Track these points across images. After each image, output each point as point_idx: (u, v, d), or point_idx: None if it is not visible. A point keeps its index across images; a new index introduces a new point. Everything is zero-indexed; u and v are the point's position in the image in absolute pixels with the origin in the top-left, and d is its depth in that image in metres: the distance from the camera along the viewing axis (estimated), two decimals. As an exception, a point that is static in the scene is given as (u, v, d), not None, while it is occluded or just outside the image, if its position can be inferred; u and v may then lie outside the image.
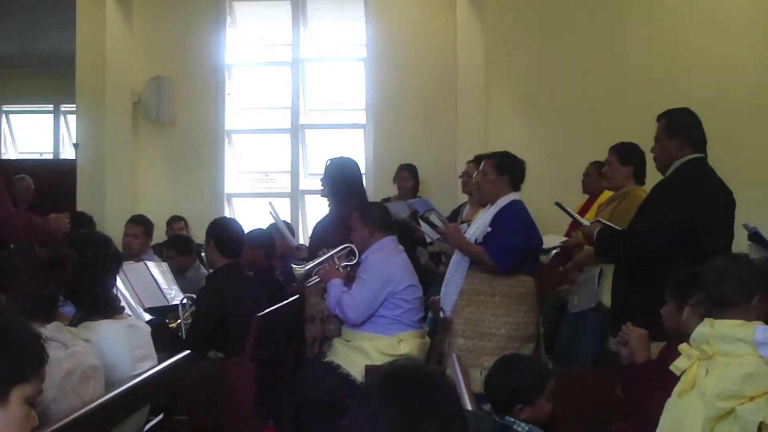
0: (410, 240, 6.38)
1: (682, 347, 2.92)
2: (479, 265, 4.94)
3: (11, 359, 1.75)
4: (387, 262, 5.00)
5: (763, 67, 8.72)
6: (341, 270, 5.08)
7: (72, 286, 3.30)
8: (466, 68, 8.86)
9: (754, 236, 4.54)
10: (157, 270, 5.96)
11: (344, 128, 9.85)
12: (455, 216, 7.16)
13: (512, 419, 3.36)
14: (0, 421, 1.69)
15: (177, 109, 9.55)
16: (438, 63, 9.09)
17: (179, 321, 5.39)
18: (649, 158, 4.88)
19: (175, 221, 8.67)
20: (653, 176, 4.88)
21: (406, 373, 1.78)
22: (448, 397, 1.75)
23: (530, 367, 3.52)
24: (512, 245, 4.85)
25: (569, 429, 4.14)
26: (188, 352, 3.59)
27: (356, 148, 9.22)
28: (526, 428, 3.35)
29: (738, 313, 2.78)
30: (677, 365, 2.88)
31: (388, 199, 7.84)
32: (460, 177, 7.45)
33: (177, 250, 6.79)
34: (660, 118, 4.64)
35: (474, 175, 5.56)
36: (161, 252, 7.81)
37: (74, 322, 3.29)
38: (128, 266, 5.54)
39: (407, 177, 8.25)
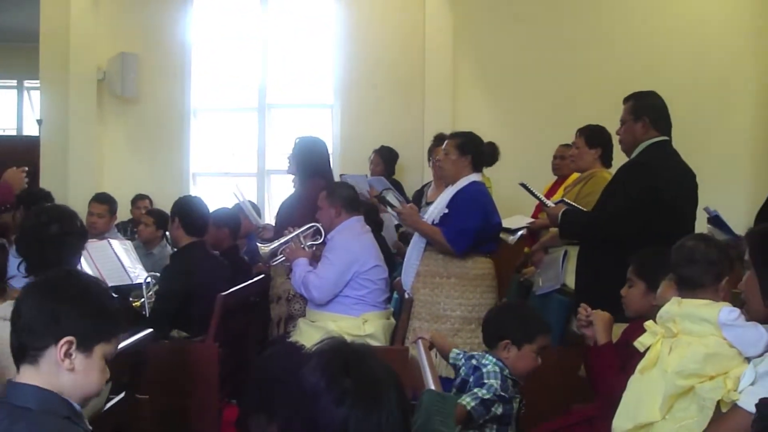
0: (376, 221, 6.38)
1: (648, 324, 2.94)
2: (436, 247, 4.94)
3: (100, 321, 2.13)
4: (353, 241, 4.99)
5: (731, 54, 8.79)
6: (307, 249, 5.06)
7: (35, 261, 3.26)
8: (434, 49, 8.86)
9: (714, 220, 4.57)
10: (120, 248, 5.91)
11: (312, 108, 9.76)
12: (419, 196, 7.14)
13: (490, 355, 3.42)
14: (83, 367, 2.09)
15: (142, 86, 9.45)
16: (406, 44, 9.06)
17: (143, 300, 5.35)
18: (616, 141, 4.90)
19: (139, 200, 8.61)
20: (621, 159, 4.89)
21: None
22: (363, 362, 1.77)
23: (530, 314, 3.59)
24: (468, 227, 4.84)
25: (533, 409, 4.15)
26: (150, 330, 3.56)
27: (324, 128, 9.17)
28: (492, 360, 3.39)
29: (707, 295, 2.80)
30: (641, 341, 2.91)
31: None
32: (429, 159, 7.42)
33: (156, 221, 6.72)
34: (626, 100, 4.66)
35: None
36: (125, 230, 7.76)
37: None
38: (91, 244, 5.48)
39: (377, 161, 8.23)
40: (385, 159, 8.25)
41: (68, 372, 2.07)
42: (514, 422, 3.36)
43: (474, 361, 3.43)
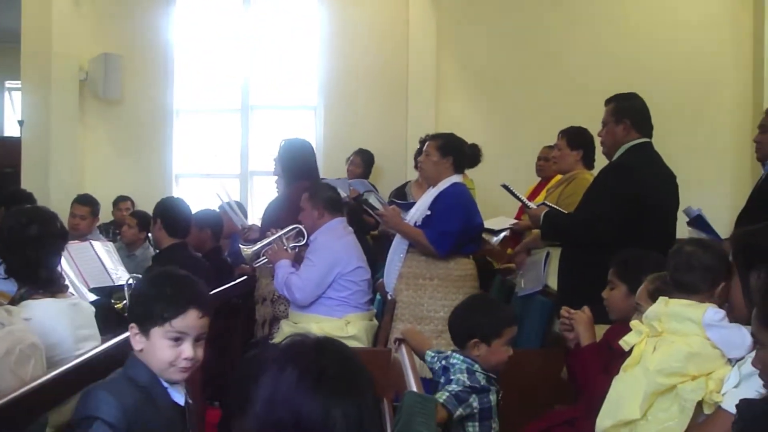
0: (359, 223, 6.38)
1: (634, 323, 2.96)
2: (418, 248, 4.94)
3: (149, 310, 2.49)
4: (335, 243, 4.99)
5: (715, 56, 8.84)
6: (290, 251, 5.05)
7: (15, 262, 3.24)
8: (417, 51, 8.88)
9: (696, 220, 4.59)
10: (102, 250, 5.88)
11: (295, 109, 9.75)
12: (398, 195, 7.10)
13: (458, 354, 3.43)
14: (147, 348, 2.49)
15: (125, 86, 9.40)
16: (390, 46, 9.06)
17: (125, 302, 5.32)
18: (598, 142, 4.91)
19: (121, 201, 8.58)
20: (603, 161, 4.91)
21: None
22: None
23: (494, 308, 3.57)
24: (451, 229, 4.85)
25: (515, 410, 4.16)
26: (133, 332, 3.54)
27: (307, 130, 9.17)
28: (460, 358, 3.41)
29: (702, 299, 2.81)
30: (626, 340, 2.92)
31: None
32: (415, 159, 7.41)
33: (140, 223, 6.70)
34: (608, 102, 4.68)
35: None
36: (108, 232, 7.72)
37: (16, 300, 3.22)
38: (73, 245, 5.45)
39: (357, 163, 8.22)
40: (366, 161, 8.26)
41: (140, 352, 2.51)
42: (496, 416, 3.37)
43: (444, 362, 3.45)
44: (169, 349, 2.48)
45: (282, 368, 1.68)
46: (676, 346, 2.71)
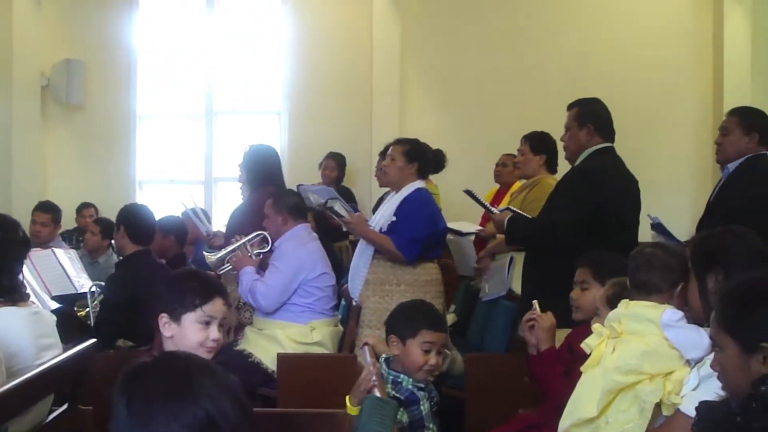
0: (325, 229, 6.37)
1: (595, 326, 2.98)
2: (383, 254, 4.94)
3: (179, 297, 2.84)
4: (300, 249, 4.98)
5: (676, 62, 8.94)
6: (254, 257, 5.04)
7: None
8: (381, 55, 8.91)
9: (658, 227, 4.64)
10: (65, 257, 5.84)
11: (259, 114, 9.72)
12: (380, 204, 7.09)
13: (385, 365, 3.45)
14: (177, 333, 2.84)
15: (88, 92, 9.35)
16: (354, 50, 9.08)
17: (87, 309, 5.29)
18: (561, 147, 4.94)
19: (84, 208, 8.52)
20: (566, 165, 4.94)
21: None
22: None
23: (413, 310, 3.59)
24: (418, 235, 4.84)
25: (479, 414, 4.19)
26: (94, 340, 3.51)
27: (271, 135, 9.15)
28: (386, 370, 3.43)
29: (662, 300, 2.83)
30: (588, 343, 2.95)
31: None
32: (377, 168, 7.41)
33: (103, 230, 6.64)
34: (570, 107, 4.70)
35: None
36: (71, 239, 7.66)
37: (-24, 309, 3.18)
38: (35, 253, 5.41)
39: (332, 167, 8.21)
40: (339, 164, 8.25)
41: (169, 338, 2.86)
42: (430, 422, 3.36)
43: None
44: (200, 332, 2.84)
45: (117, 401, 1.62)
46: (632, 345, 2.74)
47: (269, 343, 4.82)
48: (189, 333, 2.84)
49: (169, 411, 1.54)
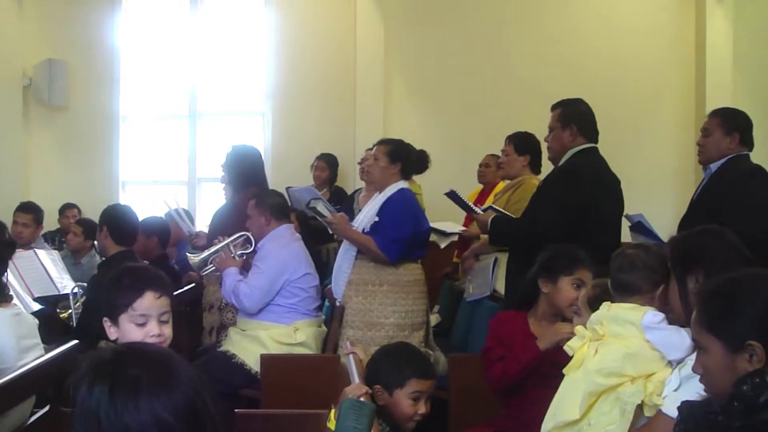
0: (309, 229, 6.36)
1: (578, 328, 2.98)
2: (366, 255, 4.94)
3: (111, 301, 2.77)
4: (283, 250, 4.98)
5: (659, 63, 8.98)
6: (237, 258, 5.03)
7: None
8: (365, 56, 8.90)
9: (636, 226, 4.65)
10: (47, 258, 5.81)
11: (243, 115, 9.70)
12: (351, 202, 7.12)
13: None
14: (120, 335, 2.75)
15: (70, 92, 9.32)
16: (338, 51, 9.07)
17: (70, 311, 5.26)
18: (545, 147, 4.95)
19: (67, 209, 8.48)
20: (549, 165, 4.95)
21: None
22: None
23: (399, 357, 3.35)
24: (401, 236, 4.84)
25: (463, 414, 4.19)
26: (76, 342, 3.50)
27: (255, 136, 9.14)
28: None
29: (643, 301, 2.84)
30: (570, 345, 2.95)
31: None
32: (359, 164, 7.42)
33: (85, 231, 6.63)
34: (554, 108, 4.71)
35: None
36: (53, 240, 7.63)
37: (-41, 310, 3.17)
38: (17, 254, 5.37)
39: (323, 167, 8.21)
40: (331, 165, 8.25)
41: (116, 342, 2.74)
42: None
43: None
44: (136, 331, 2.73)
45: (90, 389, 1.60)
46: (614, 347, 2.74)
47: (252, 344, 4.81)
48: (128, 335, 2.75)
49: (155, 397, 1.53)
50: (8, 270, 4.16)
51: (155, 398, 1.53)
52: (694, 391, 2.32)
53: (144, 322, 2.75)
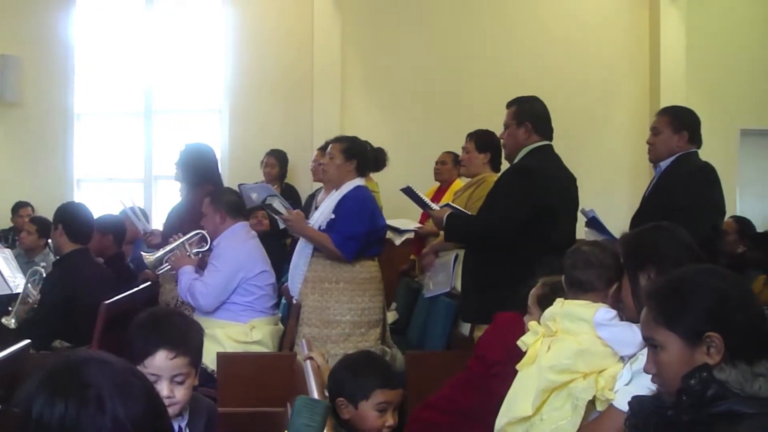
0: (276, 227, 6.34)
1: (531, 324, 3.00)
2: (323, 252, 4.95)
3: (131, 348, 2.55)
4: (239, 248, 4.97)
5: (613, 60, 9.09)
6: (193, 257, 5.01)
7: None
8: (322, 53, 8.91)
9: (591, 221, 4.71)
10: (-1, 257, 5.74)
11: (199, 113, 9.65)
12: (311, 201, 7.11)
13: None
14: None
15: (24, 89, 9.20)
16: (295, 47, 9.06)
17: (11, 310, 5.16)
18: (503, 145, 4.98)
19: (21, 207, 8.38)
20: (507, 163, 4.98)
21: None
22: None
23: (362, 369, 3.09)
24: (357, 233, 4.85)
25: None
26: (28, 341, 3.47)
27: (212, 133, 9.10)
28: None
29: (596, 298, 2.87)
30: (524, 341, 2.96)
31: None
32: (312, 164, 7.38)
33: (39, 229, 6.57)
34: (509, 105, 4.72)
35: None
36: (6, 239, 7.55)
37: None
38: (-32, 254, 5.32)
39: (273, 163, 8.17)
40: (280, 161, 8.22)
41: None
42: None
43: None
44: None
45: (50, 401, 1.57)
46: (566, 344, 2.77)
47: (209, 343, 4.73)
48: None
49: (115, 407, 1.52)
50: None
51: (116, 408, 1.52)
52: (645, 385, 2.34)
53: (154, 381, 2.45)
